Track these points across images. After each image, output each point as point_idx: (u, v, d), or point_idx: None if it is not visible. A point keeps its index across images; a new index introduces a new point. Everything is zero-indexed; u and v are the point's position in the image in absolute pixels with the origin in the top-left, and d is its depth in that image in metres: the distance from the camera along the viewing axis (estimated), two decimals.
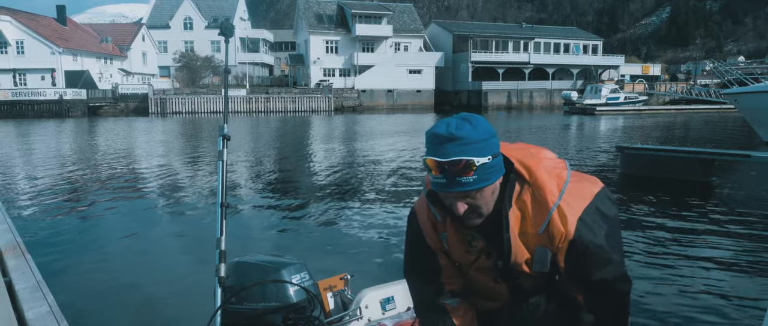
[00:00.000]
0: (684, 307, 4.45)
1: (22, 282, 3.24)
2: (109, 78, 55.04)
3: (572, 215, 1.43)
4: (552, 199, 1.44)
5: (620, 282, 1.48)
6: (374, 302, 2.78)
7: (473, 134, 1.37)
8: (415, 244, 1.70)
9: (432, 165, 1.38)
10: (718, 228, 7.06)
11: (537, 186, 1.46)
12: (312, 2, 60.61)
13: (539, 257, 1.49)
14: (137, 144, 21.23)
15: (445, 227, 1.61)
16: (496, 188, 1.45)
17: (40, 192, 10.37)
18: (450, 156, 1.35)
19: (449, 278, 1.68)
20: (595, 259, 1.45)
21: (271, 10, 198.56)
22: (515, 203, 1.47)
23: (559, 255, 1.46)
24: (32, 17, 53.54)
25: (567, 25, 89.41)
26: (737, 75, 20.60)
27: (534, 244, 1.48)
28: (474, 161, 1.35)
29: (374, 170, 13.03)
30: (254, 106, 48.55)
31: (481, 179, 1.38)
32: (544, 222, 1.44)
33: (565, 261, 1.46)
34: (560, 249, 1.45)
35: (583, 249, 1.43)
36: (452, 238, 1.60)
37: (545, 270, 1.51)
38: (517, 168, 1.49)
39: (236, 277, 2.44)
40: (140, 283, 5.24)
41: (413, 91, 56.00)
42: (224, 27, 2.46)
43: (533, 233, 1.47)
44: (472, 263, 1.62)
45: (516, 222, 1.48)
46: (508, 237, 1.48)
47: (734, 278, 5.19)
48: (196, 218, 8.21)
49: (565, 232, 1.43)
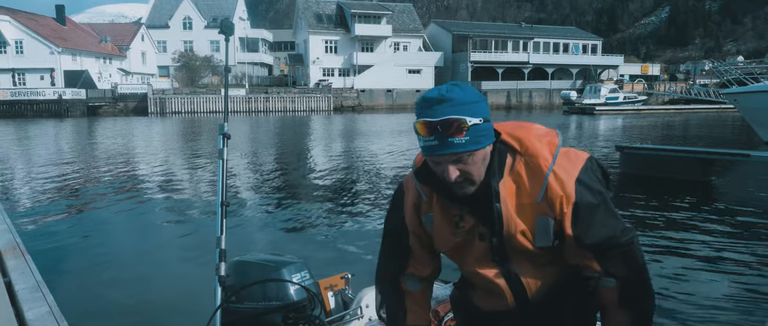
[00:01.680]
0: (683, 307, 4.44)
1: (21, 282, 3.23)
2: (108, 78, 54.99)
3: (569, 177, 1.42)
4: (546, 164, 1.42)
5: (628, 233, 1.47)
6: (375, 301, 2.78)
7: (464, 96, 1.37)
8: (393, 219, 1.68)
9: (422, 128, 1.37)
10: (718, 228, 7.06)
11: (529, 154, 1.45)
12: (311, 2, 60.61)
13: (541, 227, 1.45)
14: (137, 144, 21.21)
15: (430, 208, 1.57)
16: (486, 155, 1.43)
17: (39, 192, 10.36)
18: (441, 116, 1.34)
19: (418, 263, 1.66)
20: (600, 218, 1.44)
21: (271, 9, 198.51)
22: (509, 175, 1.45)
23: (565, 222, 1.43)
24: (31, 17, 53.49)
25: (566, 25, 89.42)
26: (736, 75, 20.62)
27: (534, 214, 1.44)
28: (466, 120, 1.34)
29: (374, 169, 13.03)
30: (253, 105, 48.54)
31: (472, 141, 1.36)
32: (542, 188, 1.42)
33: (572, 227, 1.43)
34: (564, 214, 1.42)
35: (586, 210, 1.42)
36: (438, 219, 1.56)
37: (549, 244, 1.46)
38: (506, 140, 1.47)
39: (236, 276, 2.44)
40: (140, 283, 5.24)
41: (412, 91, 55.95)
42: (224, 26, 2.45)
43: (531, 203, 1.43)
44: (460, 247, 1.56)
45: (511, 195, 1.45)
46: (499, 207, 1.44)
47: (734, 278, 5.19)
48: (196, 217, 8.21)
49: (564, 195, 1.41)
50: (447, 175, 1.39)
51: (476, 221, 1.50)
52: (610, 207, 1.46)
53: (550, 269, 1.54)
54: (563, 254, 1.51)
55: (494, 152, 1.45)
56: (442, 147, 1.36)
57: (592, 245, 1.44)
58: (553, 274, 1.55)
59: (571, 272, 1.56)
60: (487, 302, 1.64)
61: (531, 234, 1.46)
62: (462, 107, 1.35)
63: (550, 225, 1.44)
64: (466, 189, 1.44)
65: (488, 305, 1.64)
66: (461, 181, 1.41)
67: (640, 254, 1.49)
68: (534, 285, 1.54)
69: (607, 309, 1.51)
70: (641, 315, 1.49)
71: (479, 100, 1.40)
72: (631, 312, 1.48)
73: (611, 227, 1.45)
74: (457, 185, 1.42)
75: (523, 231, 1.45)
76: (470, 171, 1.40)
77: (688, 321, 4.20)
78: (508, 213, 1.44)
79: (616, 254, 1.45)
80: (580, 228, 1.43)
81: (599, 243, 1.44)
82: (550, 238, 1.45)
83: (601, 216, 1.44)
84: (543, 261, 1.52)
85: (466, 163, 1.39)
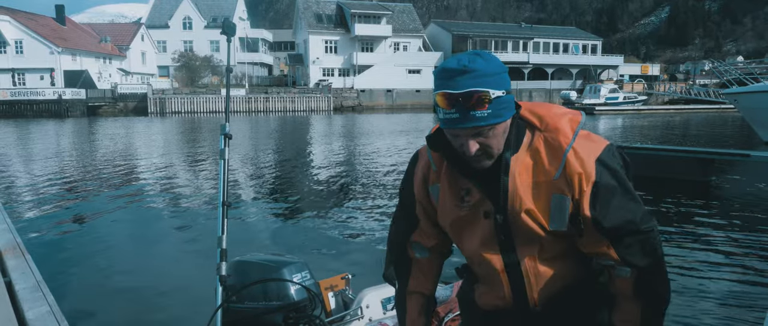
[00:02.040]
0: (682, 307, 4.45)
1: (21, 282, 3.23)
2: (108, 78, 55.01)
3: (589, 155, 1.37)
4: (566, 141, 1.37)
5: (648, 220, 1.41)
6: (375, 302, 2.78)
7: (487, 67, 1.31)
8: (404, 185, 1.66)
9: (443, 100, 1.31)
10: (717, 228, 7.06)
11: (550, 129, 1.40)
12: (311, 2, 60.62)
13: (556, 207, 1.38)
14: (137, 143, 21.21)
15: (438, 178, 1.53)
16: (507, 127, 1.38)
17: (39, 192, 10.36)
18: (464, 88, 1.29)
19: (423, 232, 1.63)
20: (619, 201, 1.38)
21: (271, 9, 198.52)
22: (527, 151, 1.40)
23: (583, 202, 1.36)
24: (31, 17, 53.51)
25: (566, 25, 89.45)
26: (736, 75, 20.62)
27: (549, 193, 1.38)
28: (489, 93, 1.29)
29: (375, 169, 13.03)
30: (253, 105, 48.55)
31: (495, 114, 1.31)
32: (560, 165, 1.37)
33: (591, 208, 1.36)
34: (583, 193, 1.36)
35: (606, 191, 1.37)
36: (445, 191, 1.51)
37: (563, 228, 1.39)
38: (526, 116, 1.43)
39: (237, 276, 2.44)
40: (141, 282, 5.24)
41: (412, 91, 55.99)
42: (226, 26, 2.45)
43: (548, 181, 1.37)
44: (462, 222, 1.50)
45: (526, 171, 1.39)
46: (506, 181, 1.39)
47: (733, 278, 5.19)
48: (197, 217, 8.21)
49: (584, 173, 1.35)
50: (466, 149, 1.35)
51: (482, 196, 1.45)
52: (630, 190, 1.40)
53: (556, 267, 1.47)
54: (578, 243, 1.44)
55: (512, 126, 1.40)
56: (463, 120, 1.31)
57: (611, 229, 1.38)
58: (558, 274, 1.48)
59: (578, 277, 1.50)
60: (486, 298, 1.58)
61: (545, 216, 1.39)
62: (485, 79, 1.30)
63: (566, 205, 1.38)
64: (484, 163, 1.39)
65: (487, 301, 1.58)
66: (480, 155, 1.37)
67: (659, 244, 1.43)
68: (534, 281, 1.47)
69: (619, 300, 1.45)
70: (654, 308, 1.43)
71: (502, 70, 1.34)
72: (644, 303, 1.41)
73: (631, 211, 1.39)
74: (475, 159, 1.38)
75: (532, 210, 1.39)
76: (490, 144, 1.36)
77: (686, 319, 4.20)
78: (515, 188, 1.39)
79: (635, 241, 1.40)
80: (599, 210, 1.37)
81: (618, 227, 1.38)
82: (565, 220, 1.39)
83: (620, 199, 1.38)
84: (550, 253, 1.45)
85: (486, 136, 1.34)
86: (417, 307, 1.68)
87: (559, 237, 1.42)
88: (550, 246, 1.44)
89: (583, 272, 1.50)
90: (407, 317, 1.69)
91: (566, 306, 1.50)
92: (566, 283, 1.49)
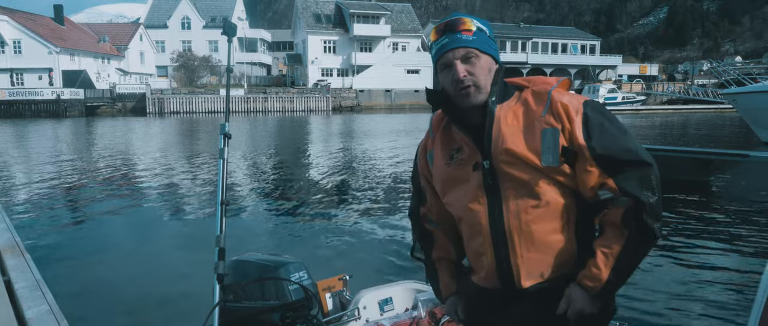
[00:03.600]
0: (682, 306, 4.46)
1: (21, 281, 3.24)
2: (106, 78, 54.94)
3: (574, 97, 1.48)
4: (549, 86, 1.51)
5: (649, 158, 1.44)
6: (372, 303, 2.79)
7: (473, 19, 1.51)
8: (414, 162, 1.77)
9: (434, 32, 1.50)
10: (716, 228, 7.08)
11: (536, 84, 1.54)
12: (310, 2, 60.58)
13: (548, 140, 1.42)
14: (136, 143, 21.20)
15: (433, 143, 1.64)
16: (492, 68, 1.51)
17: (38, 191, 10.36)
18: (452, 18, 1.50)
19: (430, 206, 1.71)
20: (614, 132, 1.43)
21: (269, 9, 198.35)
22: (516, 102, 1.52)
23: (575, 132, 1.42)
24: (30, 17, 53.43)
25: (565, 25, 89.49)
26: (735, 75, 20.63)
27: (540, 129, 1.44)
28: (473, 21, 1.49)
29: (373, 170, 13.04)
30: (252, 105, 48.51)
31: (480, 41, 1.48)
32: (546, 102, 1.47)
33: (585, 137, 1.41)
34: (573, 122, 1.42)
35: (597, 121, 1.43)
36: (438, 152, 1.61)
37: (556, 163, 1.42)
38: (516, 81, 1.58)
39: (235, 275, 2.45)
40: (139, 281, 5.24)
41: (411, 91, 55.96)
42: (227, 26, 2.46)
43: (537, 118, 1.45)
44: (453, 179, 1.55)
45: (515, 117, 1.49)
46: (491, 124, 1.48)
47: (733, 277, 5.21)
48: (195, 216, 8.21)
49: (570, 106, 1.44)
50: (456, 74, 1.47)
51: (472, 150, 1.52)
52: (625, 129, 1.46)
53: (542, 229, 1.45)
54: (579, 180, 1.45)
55: (497, 83, 1.52)
56: (451, 42, 1.48)
57: (609, 158, 1.41)
58: (542, 240, 1.45)
59: (564, 256, 1.47)
60: (476, 273, 1.60)
61: (537, 153, 1.43)
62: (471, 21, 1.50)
63: (556, 138, 1.42)
64: (473, 97, 1.49)
65: (477, 276, 1.60)
66: (469, 85, 1.47)
67: (658, 183, 1.43)
68: (518, 240, 1.45)
69: (606, 227, 1.46)
70: (639, 240, 1.42)
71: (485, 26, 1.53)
72: (630, 232, 1.41)
73: (629, 141, 1.44)
74: (465, 91, 1.48)
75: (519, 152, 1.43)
76: (476, 73, 1.48)
77: (685, 318, 4.22)
78: (499, 130, 1.47)
79: (634, 173, 1.41)
80: (595, 138, 1.41)
81: (615, 155, 1.41)
82: (557, 154, 1.42)
83: (615, 131, 1.44)
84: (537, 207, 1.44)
85: (473, 64, 1.47)
86: (447, 272, 1.74)
87: (552, 178, 1.44)
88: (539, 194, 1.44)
89: (569, 256, 1.48)
90: (440, 283, 1.75)
91: (552, 294, 1.48)
92: (551, 257, 1.47)
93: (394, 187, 10.48)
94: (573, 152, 1.43)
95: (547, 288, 1.48)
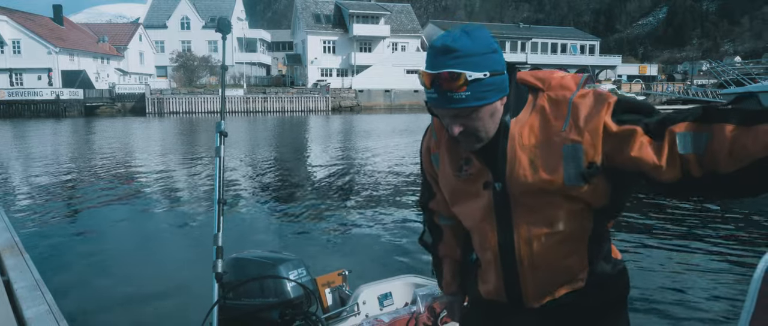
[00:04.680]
0: (680, 306, 4.47)
1: (20, 281, 3.24)
2: (105, 78, 54.96)
3: (598, 100, 1.28)
4: (569, 93, 1.31)
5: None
6: (372, 298, 2.80)
7: (471, 47, 1.25)
8: (420, 156, 1.65)
9: (424, 78, 1.28)
10: (715, 228, 7.09)
11: (552, 87, 1.34)
12: (309, 2, 60.60)
13: (569, 157, 1.27)
14: (135, 143, 21.20)
15: (438, 147, 1.51)
16: (496, 110, 1.31)
17: (37, 191, 10.36)
18: (440, 68, 1.25)
19: (439, 202, 1.63)
20: (646, 108, 1.26)
21: (269, 10, 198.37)
22: (531, 112, 1.33)
23: (607, 124, 1.24)
24: (29, 17, 53.43)
25: (564, 26, 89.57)
26: (734, 75, 20.67)
27: (560, 145, 1.28)
28: (465, 75, 1.23)
29: (371, 168, 13.05)
30: (251, 105, 48.52)
31: (474, 97, 1.26)
32: (567, 112, 1.29)
33: (613, 117, 1.24)
34: (600, 118, 1.24)
35: (630, 101, 1.26)
36: (444, 160, 1.49)
37: (580, 184, 1.28)
38: (527, 80, 1.38)
39: (234, 273, 2.45)
40: (138, 280, 5.25)
41: (411, 91, 55.98)
42: (221, 24, 2.47)
43: (556, 133, 1.29)
44: (461, 193, 1.45)
45: (533, 131, 1.32)
46: (505, 144, 1.32)
47: (731, 277, 5.22)
48: (194, 215, 8.22)
49: (594, 106, 1.26)
50: (450, 130, 1.32)
51: (482, 166, 1.38)
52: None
53: (553, 255, 1.35)
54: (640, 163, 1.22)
55: (511, 93, 1.34)
56: (442, 101, 1.28)
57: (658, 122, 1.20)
58: (554, 264, 1.36)
59: (574, 278, 1.39)
60: (483, 286, 1.53)
61: (558, 173, 1.29)
62: (466, 59, 1.24)
63: (579, 154, 1.26)
64: (472, 145, 1.35)
65: (484, 288, 1.52)
66: (467, 137, 1.33)
67: None
68: (528, 264, 1.37)
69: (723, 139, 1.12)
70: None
71: (488, 51, 1.27)
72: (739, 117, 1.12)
73: (663, 113, 1.24)
74: (462, 140, 1.35)
75: (536, 175, 1.30)
76: (475, 127, 1.31)
77: (682, 316, 4.23)
78: (514, 151, 1.32)
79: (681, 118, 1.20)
80: (624, 114, 1.24)
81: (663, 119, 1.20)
82: (581, 171, 1.27)
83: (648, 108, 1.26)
84: (551, 233, 1.34)
85: (469, 119, 1.29)
86: (450, 271, 1.71)
87: (570, 197, 1.31)
88: (553, 221, 1.34)
89: (581, 273, 1.40)
90: (443, 281, 1.75)
91: (561, 308, 1.42)
92: (563, 278, 1.39)
93: (392, 184, 10.49)
94: (595, 169, 1.27)
95: (556, 304, 1.42)
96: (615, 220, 1.46)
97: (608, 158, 1.26)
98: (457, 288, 1.72)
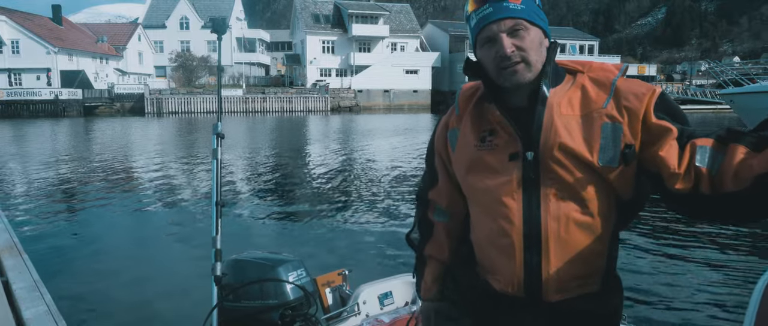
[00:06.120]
0: (680, 305, 4.47)
1: (19, 281, 3.23)
2: (105, 78, 54.90)
3: (641, 85, 1.27)
4: (612, 75, 1.29)
5: None
6: (372, 297, 2.79)
7: None
8: (430, 138, 1.57)
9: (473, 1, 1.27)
10: (714, 227, 7.09)
11: (594, 69, 1.32)
12: (309, 2, 60.56)
13: (608, 136, 1.22)
14: (134, 144, 21.18)
15: (459, 122, 1.41)
16: (543, 42, 1.28)
17: (36, 192, 10.35)
18: None
19: (440, 191, 1.52)
20: (683, 117, 1.25)
21: (268, 10, 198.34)
22: (571, 86, 1.30)
23: (649, 111, 1.22)
24: (28, 17, 53.36)
25: (563, 26, 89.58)
26: (733, 75, 20.68)
27: (599, 123, 1.23)
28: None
29: (371, 169, 13.04)
30: (251, 106, 48.49)
31: (529, 10, 1.25)
32: (610, 92, 1.25)
33: (656, 110, 1.22)
34: (643, 104, 1.23)
35: (673, 106, 1.25)
36: (465, 132, 1.38)
37: (614, 165, 1.22)
38: (567, 64, 1.36)
39: (234, 275, 2.45)
40: (137, 282, 5.24)
41: (410, 91, 56.00)
42: (216, 24, 2.47)
43: (597, 109, 1.24)
44: (479, 165, 1.34)
45: (571, 104, 1.27)
46: (542, 111, 1.26)
47: (731, 276, 5.22)
48: (194, 216, 8.21)
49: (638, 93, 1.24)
50: (501, 49, 1.24)
51: (510, 136, 1.29)
52: None
53: (581, 235, 1.26)
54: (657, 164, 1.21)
55: (549, 67, 1.29)
56: (496, 12, 1.24)
57: (690, 132, 1.20)
58: (580, 247, 1.26)
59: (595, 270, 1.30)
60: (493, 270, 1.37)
61: (594, 150, 1.23)
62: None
63: (618, 134, 1.22)
64: (522, 75, 1.26)
65: (495, 280, 1.37)
66: (517, 61, 1.25)
67: None
68: (554, 247, 1.26)
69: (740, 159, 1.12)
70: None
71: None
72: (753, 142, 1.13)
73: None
74: (511, 68, 1.25)
75: (571, 147, 1.23)
76: (526, 47, 1.25)
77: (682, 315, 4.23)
78: (551, 120, 1.25)
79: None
80: (663, 113, 1.23)
81: (694, 131, 1.21)
82: (618, 152, 1.22)
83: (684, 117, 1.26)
84: (580, 211, 1.26)
85: (522, 37, 1.25)
86: (432, 274, 1.60)
87: (604, 180, 1.25)
88: (584, 199, 1.26)
89: (597, 270, 1.31)
90: (422, 282, 1.64)
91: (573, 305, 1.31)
92: (584, 270, 1.29)
93: (391, 185, 10.49)
94: (631, 151, 1.23)
95: (570, 304, 1.31)
96: (630, 224, 1.41)
97: (640, 148, 1.24)
98: (436, 294, 1.61)
